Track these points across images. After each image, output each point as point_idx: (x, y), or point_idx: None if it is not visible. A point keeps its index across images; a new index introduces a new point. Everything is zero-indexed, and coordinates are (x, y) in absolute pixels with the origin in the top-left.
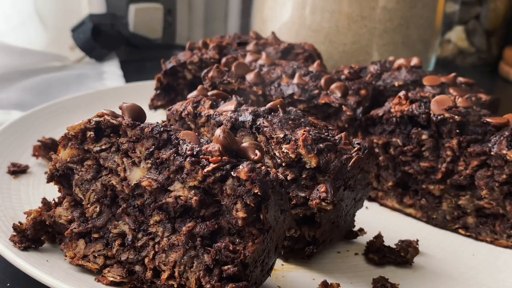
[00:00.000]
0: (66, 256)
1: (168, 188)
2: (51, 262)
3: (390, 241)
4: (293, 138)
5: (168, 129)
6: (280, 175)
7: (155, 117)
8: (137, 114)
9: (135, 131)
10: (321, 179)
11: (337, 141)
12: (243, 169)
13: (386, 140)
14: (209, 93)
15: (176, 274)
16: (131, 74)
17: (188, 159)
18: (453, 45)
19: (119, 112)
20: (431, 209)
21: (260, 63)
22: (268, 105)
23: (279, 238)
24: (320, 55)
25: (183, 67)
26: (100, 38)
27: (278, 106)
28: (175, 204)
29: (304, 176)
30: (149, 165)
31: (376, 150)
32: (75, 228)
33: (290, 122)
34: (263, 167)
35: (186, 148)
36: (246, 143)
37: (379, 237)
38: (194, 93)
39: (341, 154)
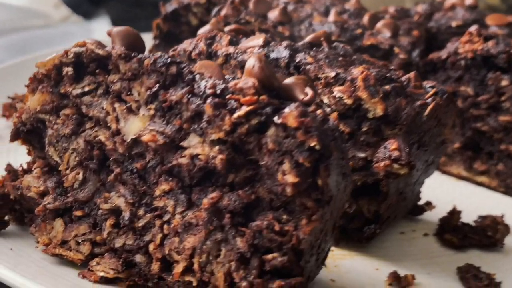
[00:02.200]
0: (38, 242)
1: (181, 144)
2: (16, 251)
3: (465, 217)
4: (349, 78)
5: (178, 60)
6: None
7: None
8: (133, 42)
9: (130, 64)
10: (389, 133)
11: (405, 83)
12: (291, 113)
13: (452, 90)
14: (226, 28)
15: (196, 266)
16: None
17: (209, 100)
18: None
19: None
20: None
21: (283, 0)
22: (308, 38)
23: (338, 213)
24: None
25: (187, 10)
26: None
27: (322, 39)
28: (191, 166)
29: (364, 129)
30: (152, 112)
31: None
32: (49, 203)
33: (340, 59)
34: (319, 111)
35: (206, 86)
36: (291, 78)
37: (455, 213)
38: (207, 27)
39: (413, 99)
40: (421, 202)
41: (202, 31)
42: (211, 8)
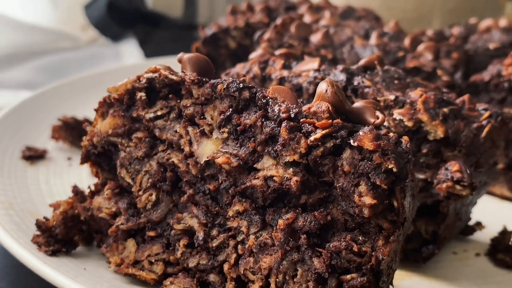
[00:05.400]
0: (109, 262)
1: (254, 166)
2: (90, 271)
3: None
4: (408, 101)
5: (251, 85)
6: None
7: None
8: (204, 67)
9: (203, 89)
10: (448, 154)
11: (460, 105)
12: (366, 136)
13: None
14: (277, 52)
15: (273, 286)
16: (149, 55)
17: (284, 124)
18: None
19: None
20: None
21: (323, 23)
22: (362, 61)
23: (405, 234)
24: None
25: (226, 34)
26: (115, 15)
27: (376, 62)
28: (265, 187)
29: (424, 151)
30: (225, 135)
31: None
32: (122, 224)
33: (396, 82)
34: (391, 134)
35: (280, 110)
36: (360, 102)
37: (506, 233)
38: (259, 51)
39: (469, 122)
40: (470, 223)
41: (254, 55)
42: (249, 32)
